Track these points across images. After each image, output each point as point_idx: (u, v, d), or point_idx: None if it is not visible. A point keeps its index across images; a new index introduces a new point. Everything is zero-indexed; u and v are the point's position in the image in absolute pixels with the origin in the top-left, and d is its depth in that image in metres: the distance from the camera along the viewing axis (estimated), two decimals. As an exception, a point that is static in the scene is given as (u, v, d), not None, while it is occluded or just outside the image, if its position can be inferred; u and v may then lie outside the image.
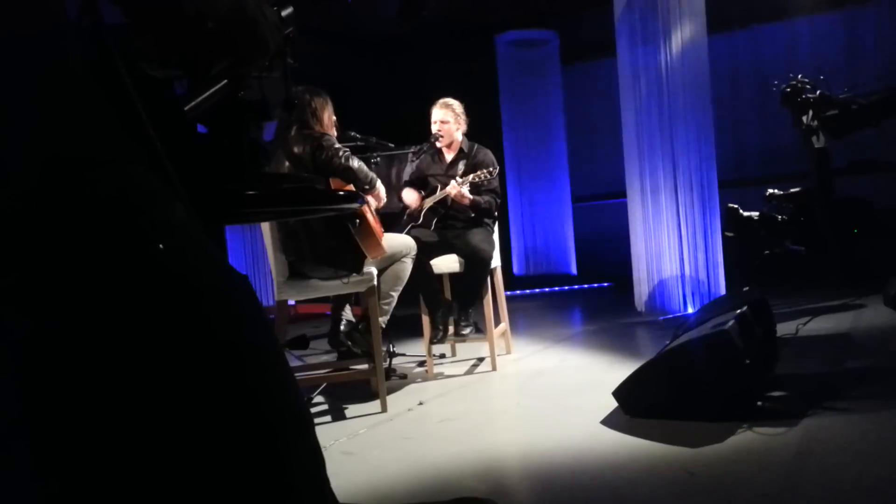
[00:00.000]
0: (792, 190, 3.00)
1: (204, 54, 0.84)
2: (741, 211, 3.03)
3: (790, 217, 2.92)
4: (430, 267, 3.64)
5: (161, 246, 0.61)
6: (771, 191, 3.05)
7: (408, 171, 4.15)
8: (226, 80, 0.88)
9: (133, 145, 0.67)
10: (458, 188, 3.76)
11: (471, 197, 3.81)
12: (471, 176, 3.80)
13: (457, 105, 3.99)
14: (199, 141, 0.91)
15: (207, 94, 0.86)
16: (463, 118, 4.00)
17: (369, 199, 3.21)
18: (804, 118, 2.75)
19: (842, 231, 2.80)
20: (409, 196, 4.02)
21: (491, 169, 3.81)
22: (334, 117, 3.32)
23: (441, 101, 3.99)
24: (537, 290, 7.21)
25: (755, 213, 3.12)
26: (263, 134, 1.07)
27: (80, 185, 0.59)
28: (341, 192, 2.76)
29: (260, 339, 0.69)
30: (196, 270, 0.64)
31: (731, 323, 2.44)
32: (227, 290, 0.67)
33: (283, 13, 0.93)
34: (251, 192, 1.04)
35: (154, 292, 0.60)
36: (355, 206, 2.00)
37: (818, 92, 2.80)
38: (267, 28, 0.87)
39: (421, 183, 4.07)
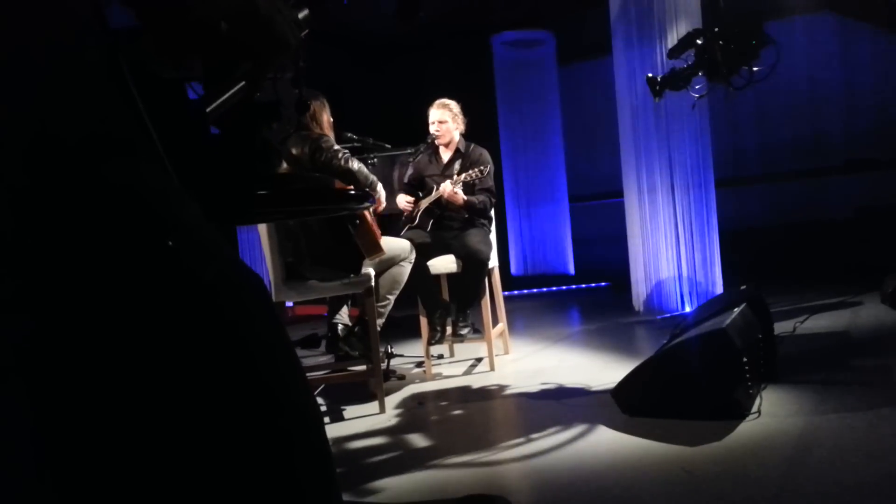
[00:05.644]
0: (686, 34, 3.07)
1: (222, 57, 0.84)
2: (655, 76, 3.08)
3: (697, 57, 2.96)
4: (427, 268, 3.64)
5: (170, 243, 0.61)
6: (668, 48, 3.12)
7: (408, 173, 4.14)
8: (244, 82, 0.88)
9: (149, 143, 0.67)
10: (450, 188, 3.76)
11: (464, 197, 3.79)
12: (463, 175, 3.78)
13: (454, 105, 3.99)
14: (212, 142, 0.91)
15: (227, 95, 0.86)
16: (461, 118, 4.00)
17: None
18: None
19: (745, 30, 2.82)
20: (402, 201, 4.02)
21: (482, 168, 3.76)
22: (332, 119, 3.32)
23: (438, 101, 3.99)
24: (535, 290, 7.21)
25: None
26: (273, 135, 1.07)
27: (86, 177, 0.58)
28: (352, 192, 2.75)
29: (272, 337, 0.70)
30: (209, 268, 0.64)
31: (728, 321, 2.44)
32: (241, 287, 0.68)
33: (300, 16, 0.93)
34: (264, 193, 1.05)
35: (163, 287, 0.60)
36: (367, 205, 2.00)
37: None
38: (285, 24, 0.86)
39: (419, 184, 4.07)
